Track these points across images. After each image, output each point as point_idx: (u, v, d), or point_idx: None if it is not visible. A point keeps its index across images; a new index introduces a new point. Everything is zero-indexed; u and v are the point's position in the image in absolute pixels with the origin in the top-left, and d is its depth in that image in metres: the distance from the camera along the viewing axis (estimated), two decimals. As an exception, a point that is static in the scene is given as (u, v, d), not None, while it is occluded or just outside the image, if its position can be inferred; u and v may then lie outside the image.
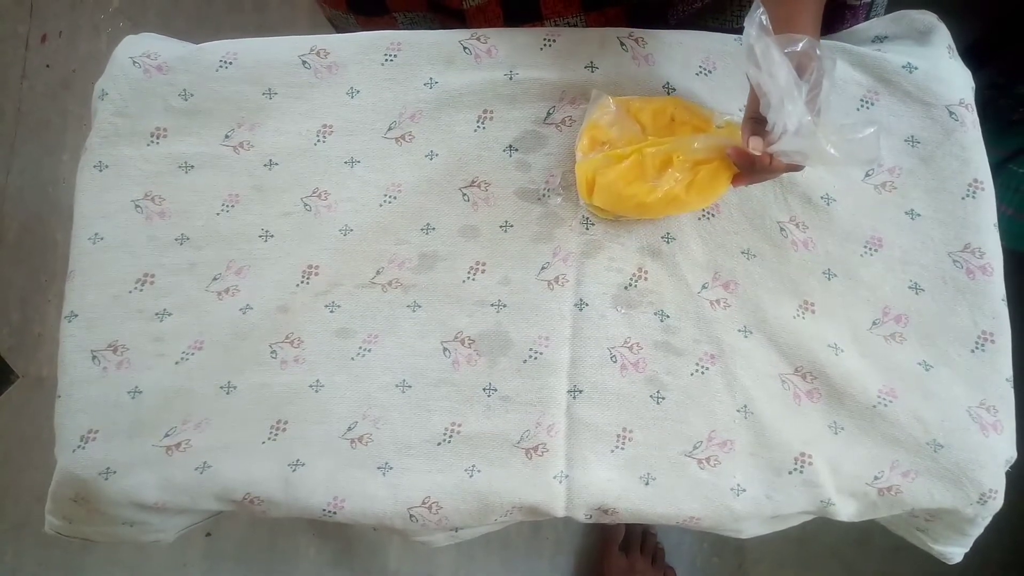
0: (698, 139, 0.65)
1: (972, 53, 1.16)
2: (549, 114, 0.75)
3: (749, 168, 0.63)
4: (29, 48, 1.52)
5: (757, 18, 0.54)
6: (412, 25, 0.85)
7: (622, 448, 0.71)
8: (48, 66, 1.52)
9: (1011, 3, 1.20)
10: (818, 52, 0.55)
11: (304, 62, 0.76)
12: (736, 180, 0.66)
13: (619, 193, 0.68)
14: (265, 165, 0.75)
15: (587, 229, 0.74)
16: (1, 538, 1.38)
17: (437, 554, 1.33)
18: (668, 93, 0.74)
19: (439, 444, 0.71)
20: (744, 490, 0.70)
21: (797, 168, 0.60)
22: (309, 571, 1.36)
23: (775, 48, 0.54)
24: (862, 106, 0.76)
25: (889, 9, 0.81)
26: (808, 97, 0.55)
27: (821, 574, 1.36)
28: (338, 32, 0.90)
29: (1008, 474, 0.72)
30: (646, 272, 0.73)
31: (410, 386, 0.72)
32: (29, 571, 1.37)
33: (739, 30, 0.80)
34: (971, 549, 0.77)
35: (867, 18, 0.82)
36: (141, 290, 0.74)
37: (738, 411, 0.71)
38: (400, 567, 1.35)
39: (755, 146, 0.59)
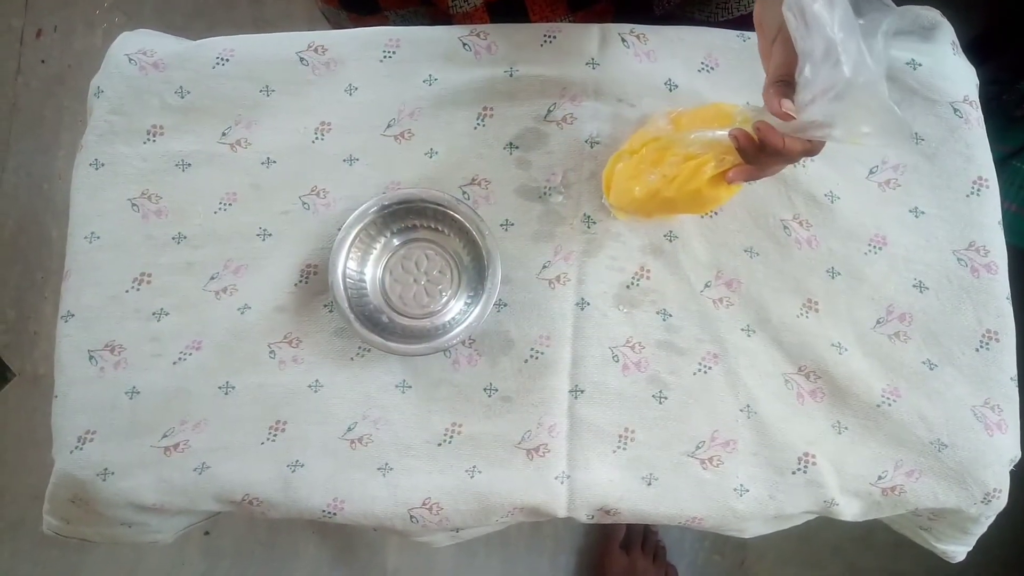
0: (695, 133, 0.61)
1: (975, 48, 1.15)
2: (550, 111, 0.74)
3: (755, 155, 0.55)
4: (24, 43, 1.51)
5: None
6: (404, 23, 0.84)
7: (624, 448, 0.70)
8: (43, 62, 1.51)
9: (1014, -2, 1.20)
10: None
11: (302, 59, 0.75)
12: (734, 174, 0.58)
13: (620, 187, 0.67)
14: (263, 163, 0.75)
15: (588, 228, 0.73)
16: (-2, 537, 1.37)
17: (437, 553, 1.33)
18: (670, 90, 0.74)
19: (439, 445, 0.70)
20: (747, 490, 0.70)
21: (814, 151, 0.53)
22: (308, 570, 1.35)
23: None
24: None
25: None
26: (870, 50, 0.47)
27: (823, 571, 1.37)
28: (332, 27, 0.89)
29: (1012, 473, 0.72)
30: (648, 271, 0.73)
31: (410, 386, 0.71)
32: (26, 571, 1.36)
33: (724, 23, 0.79)
34: (973, 547, 0.77)
35: None
36: (138, 290, 0.73)
37: (741, 411, 0.71)
38: (399, 566, 1.35)
39: (789, 108, 0.50)
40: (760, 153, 0.54)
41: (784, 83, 0.51)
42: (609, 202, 0.70)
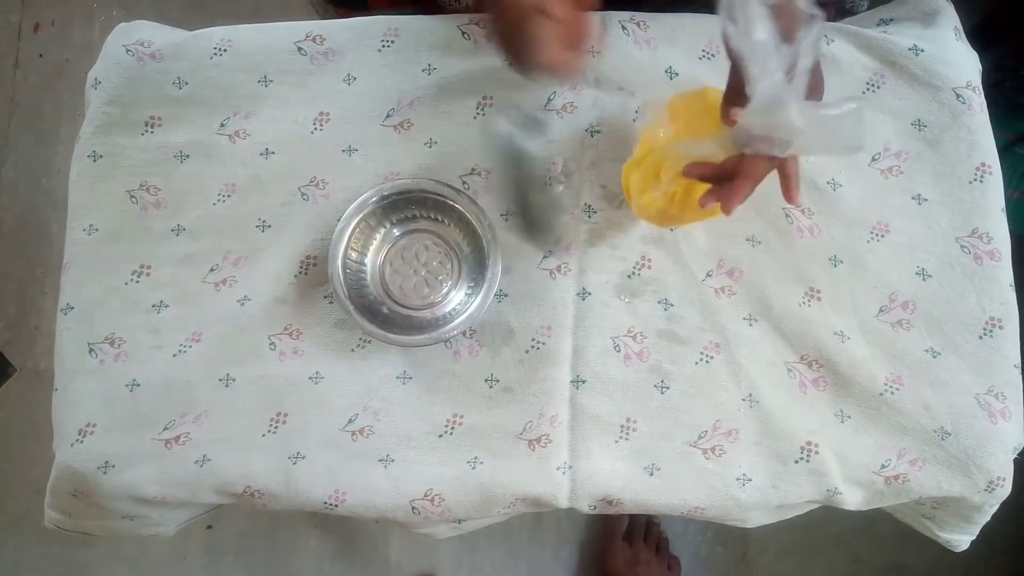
0: (681, 145, 0.62)
1: (978, 35, 1.14)
2: (550, 100, 0.74)
3: (721, 179, 0.57)
4: (22, 38, 1.51)
5: None
6: None
7: (626, 438, 0.70)
8: (41, 56, 1.50)
9: (1017, -16, 1.19)
10: (801, 6, 0.48)
11: (300, 49, 0.75)
12: (703, 199, 0.59)
13: (638, 203, 0.67)
14: (261, 154, 0.74)
15: (589, 217, 0.73)
16: (2, 532, 1.37)
17: (439, 546, 1.33)
18: (671, 78, 0.73)
19: (441, 436, 0.70)
20: (750, 480, 0.69)
21: (769, 167, 0.55)
22: (310, 564, 1.35)
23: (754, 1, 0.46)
24: (868, 89, 0.74)
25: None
26: (790, 63, 0.48)
27: (826, 563, 1.36)
28: (321, 20, 0.89)
29: (1016, 461, 0.71)
30: (649, 260, 0.72)
31: (411, 377, 0.71)
32: (31, 565, 1.37)
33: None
34: (977, 536, 0.77)
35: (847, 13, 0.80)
36: (137, 282, 0.73)
37: (743, 400, 0.70)
38: (401, 559, 1.35)
39: (736, 115, 0.52)
40: (724, 177, 0.57)
41: (739, 94, 0.53)
42: (636, 214, 0.70)
